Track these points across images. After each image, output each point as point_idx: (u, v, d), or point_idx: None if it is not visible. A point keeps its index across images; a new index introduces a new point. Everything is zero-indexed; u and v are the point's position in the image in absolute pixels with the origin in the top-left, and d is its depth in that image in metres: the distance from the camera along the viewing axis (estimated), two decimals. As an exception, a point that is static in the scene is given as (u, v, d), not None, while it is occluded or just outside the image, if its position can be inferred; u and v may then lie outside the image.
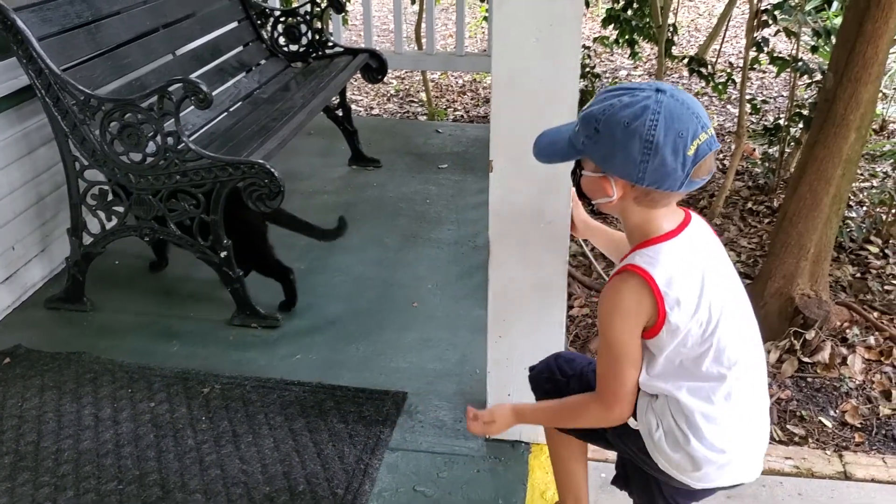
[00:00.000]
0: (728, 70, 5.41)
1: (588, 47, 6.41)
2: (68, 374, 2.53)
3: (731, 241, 4.28)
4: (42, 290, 3.03)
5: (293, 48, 4.06)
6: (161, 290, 3.06)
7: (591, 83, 5.59)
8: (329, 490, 2.06)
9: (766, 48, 4.31)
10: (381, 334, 2.76)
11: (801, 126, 4.39)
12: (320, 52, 4.05)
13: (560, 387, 1.76)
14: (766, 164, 4.95)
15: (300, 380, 2.50)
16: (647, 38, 5.60)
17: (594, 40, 6.44)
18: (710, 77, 4.82)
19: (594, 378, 1.60)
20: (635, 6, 5.31)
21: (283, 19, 4.05)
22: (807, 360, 3.29)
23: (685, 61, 5.09)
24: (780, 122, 4.75)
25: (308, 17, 4.02)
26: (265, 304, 2.83)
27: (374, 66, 4.04)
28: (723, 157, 5.40)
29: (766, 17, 4.14)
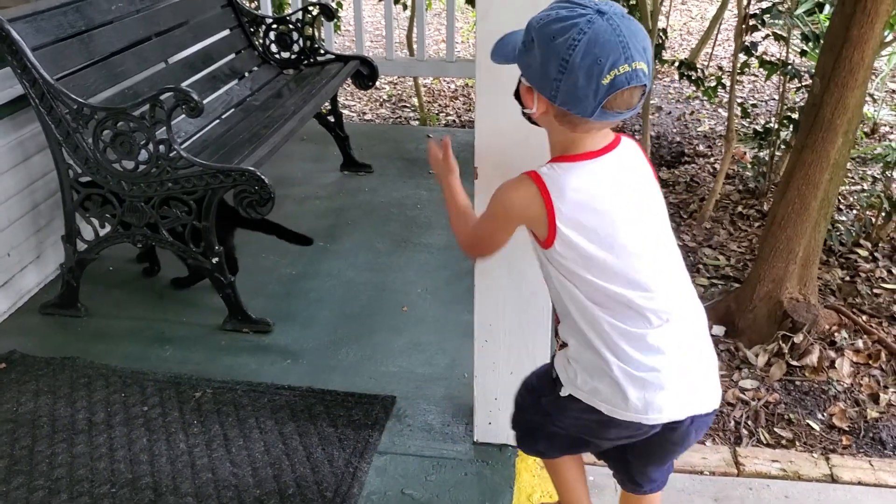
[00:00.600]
0: (718, 74, 5.42)
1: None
2: (62, 378, 2.56)
3: (721, 244, 4.30)
4: (37, 296, 3.06)
5: (285, 55, 4.09)
6: (154, 296, 3.08)
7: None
8: (318, 493, 2.09)
9: (754, 52, 4.33)
10: (372, 338, 2.79)
11: (791, 130, 4.40)
12: (312, 59, 4.08)
13: (533, 420, 1.80)
14: (757, 168, 4.97)
15: (290, 384, 2.53)
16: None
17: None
18: (700, 81, 4.84)
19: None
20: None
21: (274, 27, 4.07)
22: (795, 363, 3.31)
23: (675, 65, 5.12)
24: (771, 125, 4.78)
25: (300, 24, 4.05)
26: (257, 309, 2.86)
27: (365, 73, 4.08)
28: (713, 160, 5.43)
29: (753, 21, 4.17)
